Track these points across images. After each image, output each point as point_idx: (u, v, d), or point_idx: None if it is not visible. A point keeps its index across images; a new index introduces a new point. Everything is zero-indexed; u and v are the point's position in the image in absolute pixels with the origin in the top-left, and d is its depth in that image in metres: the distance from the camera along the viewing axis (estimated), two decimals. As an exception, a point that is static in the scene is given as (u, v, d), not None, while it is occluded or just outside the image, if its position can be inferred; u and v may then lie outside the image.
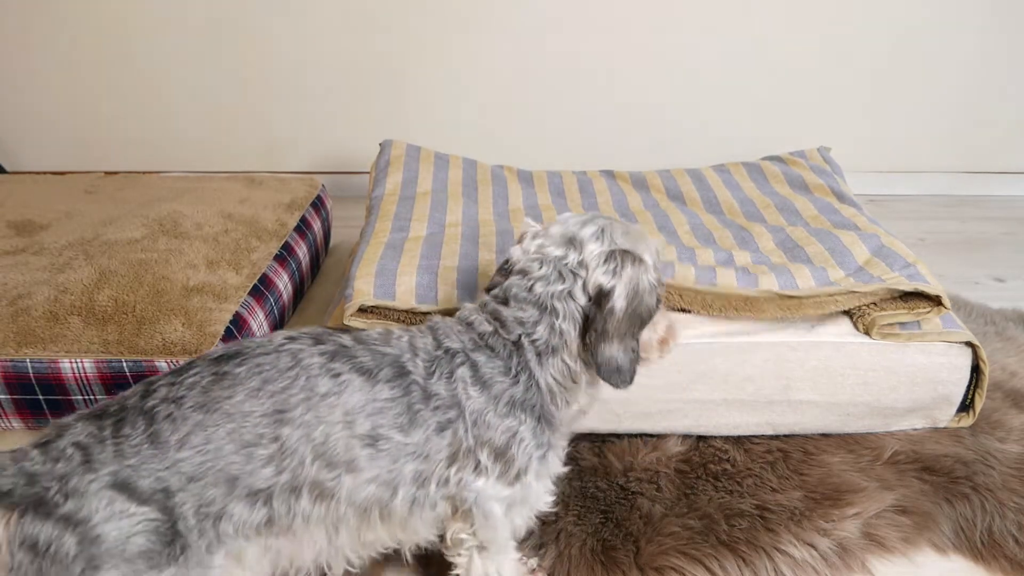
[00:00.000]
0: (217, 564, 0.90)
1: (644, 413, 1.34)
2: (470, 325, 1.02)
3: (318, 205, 1.90)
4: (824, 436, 1.37)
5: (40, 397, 1.33)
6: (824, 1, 2.15)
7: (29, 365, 1.30)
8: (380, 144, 1.87)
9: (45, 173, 2.34)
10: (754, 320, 1.31)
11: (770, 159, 1.88)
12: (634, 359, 1.00)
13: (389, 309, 1.28)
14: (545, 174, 1.83)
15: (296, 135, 2.40)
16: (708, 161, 1.98)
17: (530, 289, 0.99)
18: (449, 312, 1.26)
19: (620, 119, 2.33)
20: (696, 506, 1.23)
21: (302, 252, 1.75)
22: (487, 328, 1.00)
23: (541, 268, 1.00)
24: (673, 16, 2.18)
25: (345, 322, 1.26)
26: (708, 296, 1.29)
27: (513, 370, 0.98)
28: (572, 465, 1.29)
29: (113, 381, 1.31)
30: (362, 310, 1.28)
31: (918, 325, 1.31)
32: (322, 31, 2.22)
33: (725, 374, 1.30)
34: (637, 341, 1.01)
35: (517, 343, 0.99)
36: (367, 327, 1.23)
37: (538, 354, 0.99)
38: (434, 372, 0.96)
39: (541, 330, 0.98)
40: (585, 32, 2.20)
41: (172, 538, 0.85)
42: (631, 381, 1.00)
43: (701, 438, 1.37)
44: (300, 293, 1.76)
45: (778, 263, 1.38)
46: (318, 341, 0.95)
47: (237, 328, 1.39)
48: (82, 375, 1.31)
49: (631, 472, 1.30)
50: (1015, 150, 2.39)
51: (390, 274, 1.32)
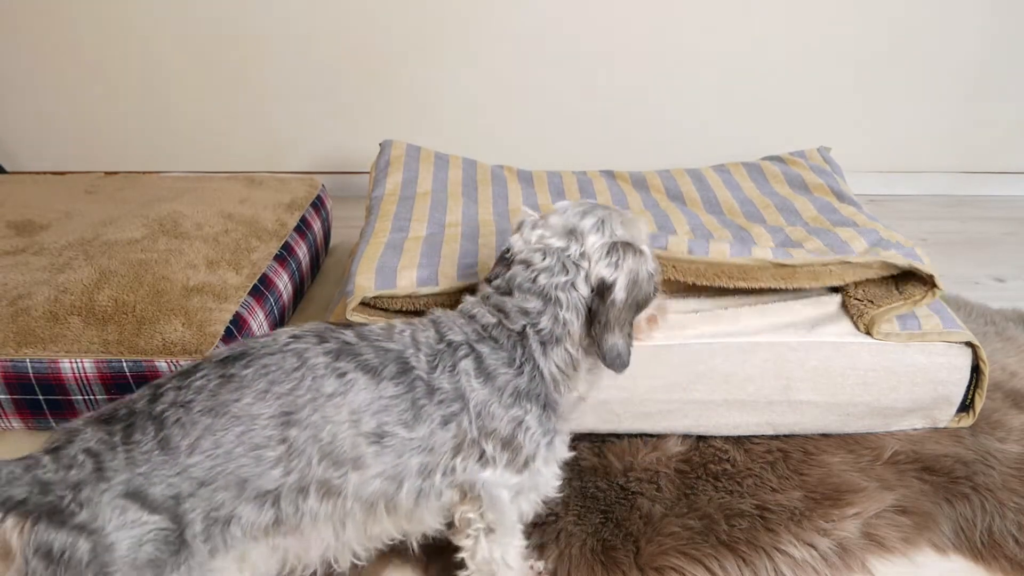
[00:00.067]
0: (220, 568, 0.90)
1: (644, 413, 1.34)
2: (472, 317, 1.03)
3: (318, 205, 1.90)
4: (824, 436, 1.37)
5: (40, 397, 1.33)
6: (824, 1, 2.15)
7: (29, 365, 1.30)
8: (380, 144, 1.87)
9: (45, 173, 2.34)
10: (747, 290, 1.30)
11: (770, 159, 1.88)
12: (630, 343, 1.03)
13: (391, 298, 1.28)
14: (545, 174, 1.83)
15: (296, 135, 2.40)
16: (708, 161, 1.98)
17: (534, 280, 1.01)
18: (450, 295, 1.28)
19: (620, 119, 2.33)
20: (696, 506, 1.23)
21: (302, 252, 1.75)
22: (490, 319, 1.01)
23: (544, 259, 1.01)
24: (673, 16, 2.18)
25: (348, 316, 1.26)
26: (701, 265, 1.29)
27: (517, 361, 0.99)
28: (572, 465, 1.29)
29: (113, 381, 1.31)
30: (364, 304, 1.28)
31: (918, 324, 1.31)
32: (322, 31, 2.22)
33: (725, 374, 1.30)
34: (632, 325, 1.04)
35: (522, 333, 1.00)
36: (369, 323, 1.23)
37: (542, 343, 1.00)
38: (437, 366, 0.97)
39: (545, 320, 1.00)
40: (585, 32, 2.20)
41: (179, 547, 0.85)
42: (628, 363, 1.03)
43: (701, 438, 1.37)
44: (300, 293, 1.76)
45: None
46: (322, 339, 0.95)
47: (237, 328, 1.39)
48: (82, 375, 1.31)
49: (631, 472, 1.30)
50: (1015, 150, 2.39)
51: (390, 271, 1.32)
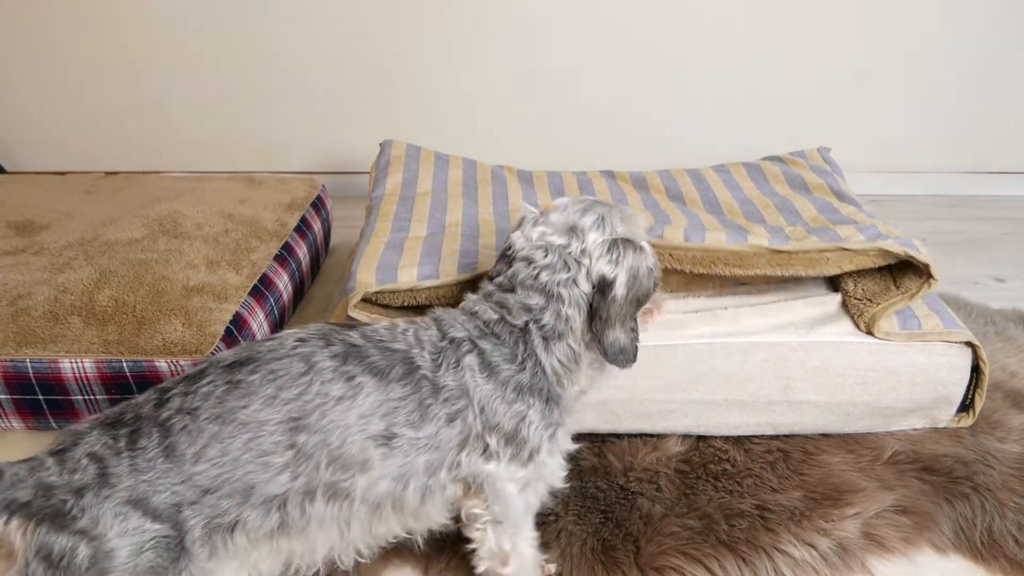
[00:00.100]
0: (219, 570, 0.90)
1: (644, 413, 1.34)
2: (474, 314, 1.04)
3: (318, 205, 1.90)
4: (824, 436, 1.37)
5: (40, 397, 1.33)
6: (824, 1, 2.15)
7: (29, 365, 1.30)
8: (380, 144, 1.87)
9: (45, 173, 2.34)
10: (745, 280, 1.30)
11: (770, 159, 1.88)
12: (634, 338, 1.04)
13: (393, 292, 1.27)
14: (545, 174, 1.83)
15: (296, 135, 2.40)
16: (708, 161, 1.98)
17: (536, 277, 1.02)
18: (452, 287, 1.28)
19: (620, 119, 2.33)
20: (696, 506, 1.23)
21: (302, 252, 1.75)
22: (492, 316, 1.02)
23: (546, 256, 1.03)
24: (673, 16, 2.18)
25: (350, 313, 1.26)
26: (697, 252, 1.29)
27: (519, 356, 1.00)
28: (572, 465, 1.29)
29: (113, 381, 1.31)
30: (365, 300, 1.28)
31: (918, 324, 1.31)
32: (322, 31, 2.22)
33: (725, 374, 1.30)
34: (636, 321, 1.05)
35: (524, 329, 1.01)
36: (370, 320, 1.23)
37: (544, 339, 1.01)
38: (441, 364, 0.97)
39: (548, 316, 1.01)
40: (585, 32, 2.20)
41: (179, 554, 0.85)
42: (634, 359, 1.05)
43: (701, 438, 1.37)
44: (300, 293, 1.76)
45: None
46: (328, 342, 0.96)
47: (237, 328, 1.39)
48: (82, 375, 1.31)
49: (631, 472, 1.30)
50: (1015, 150, 2.39)
51: (391, 270, 1.32)
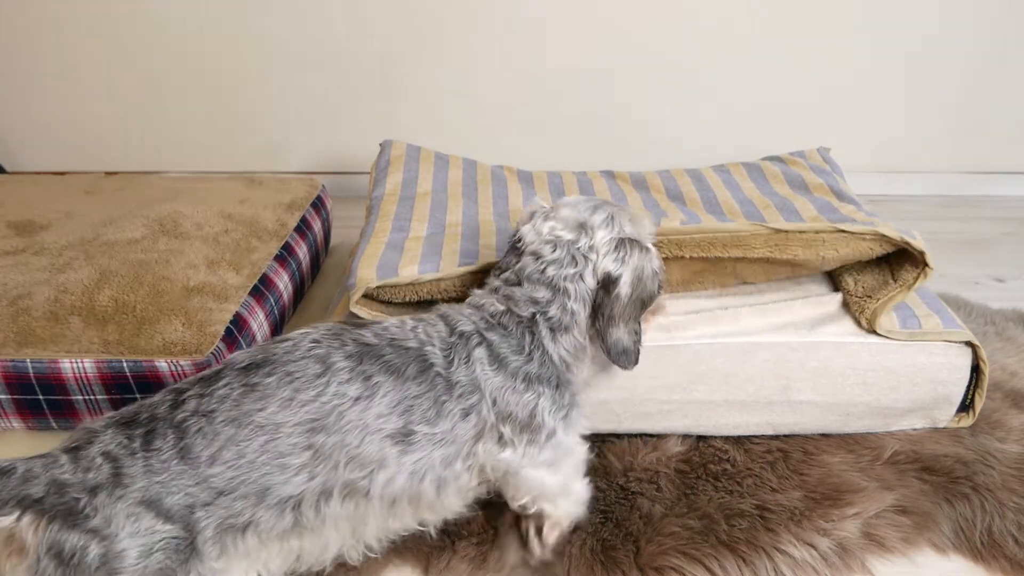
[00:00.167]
0: (228, 569, 0.90)
1: (644, 413, 1.34)
2: (480, 307, 1.05)
3: (318, 205, 1.90)
4: (824, 436, 1.37)
5: (40, 397, 1.33)
6: (824, 1, 2.15)
7: (29, 365, 1.30)
8: (380, 144, 1.87)
9: (45, 173, 2.34)
10: (742, 259, 1.31)
11: (770, 159, 1.88)
12: (637, 340, 1.06)
13: (394, 287, 1.27)
14: (545, 174, 1.83)
15: (296, 135, 2.40)
16: (708, 161, 1.98)
17: (543, 271, 1.04)
18: (454, 280, 1.27)
19: (620, 119, 2.33)
20: (696, 506, 1.23)
21: (302, 252, 1.75)
22: (499, 308, 1.04)
23: (554, 251, 1.04)
24: (673, 16, 2.18)
25: (351, 309, 1.26)
26: (696, 236, 1.29)
27: (526, 348, 1.02)
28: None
29: (113, 381, 1.31)
30: (367, 297, 1.28)
31: (918, 324, 1.31)
32: (322, 31, 2.22)
33: (725, 375, 1.30)
34: (639, 323, 1.07)
35: (531, 320, 1.03)
36: (372, 317, 1.23)
37: (551, 330, 1.03)
38: (453, 359, 0.98)
39: (554, 310, 1.03)
40: (585, 32, 2.20)
41: (189, 555, 0.85)
42: (636, 361, 1.07)
43: (701, 438, 1.37)
44: (300, 293, 1.76)
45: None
46: (343, 342, 0.96)
47: (237, 328, 1.39)
48: (82, 375, 1.31)
49: (631, 472, 1.30)
50: (1015, 150, 2.39)
51: (392, 268, 1.32)
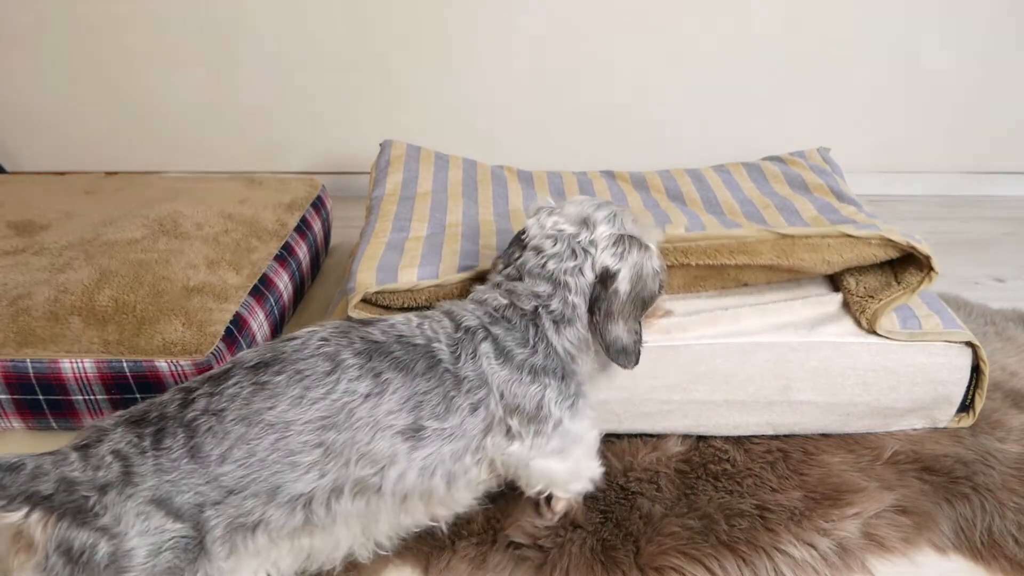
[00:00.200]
0: (236, 569, 0.90)
1: (644, 413, 1.34)
2: (483, 302, 1.06)
3: (318, 205, 1.90)
4: (824, 436, 1.37)
5: (40, 397, 1.33)
6: (824, 1, 2.15)
7: (29, 365, 1.30)
8: (380, 144, 1.87)
9: (45, 173, 2.34)
10: (749, 271, 1.31)
11: (770, 159, 1.88)
12: (637, 340, 1.06)
13: (393, 292, 1.27)
14: (545, 174, 1.83)
15: (296, 135, 2.40)
16: (708, 161, 1.98)
17: (543, 266, 1.05)
18: (453, 287, 1.27)
19: (620, 119, 2.33)
20: (696, 506, 1.23)
21: (302, 252, 1.75)
22: (502, 302, 1.04)
23: (555, 245, 1.05)
24: (673, 16, 2.18)
25: (350, 313, 1.26)
26: (703, 243, 1.29)
27: (531, 340, 1.02)
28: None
29: (113, 381, 1.31)
30: (365, 301, 1.28)
31: (918, 324, 1.31)
32: (322, 31, 2.22)
33: (726, 375, 1.30)
34: (640, 324, 1.07)
35: (534, 313, 1.03)
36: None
37: (555, 323, 1.03)
38: (460, 355, 0.99)
39: (555, 303, 1.03)
40: (585, 32, 2.20)
41: (197, 554, 0.85)
42: (636, 362, 1.07)
43: (701, 438, 1.37)
44: (300, 293, 1.76)
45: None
46: (351, 340, 0.96)
47: (237, 328, 1.39)
48: (82, 375, 1.31)
49: (631, 472, 1.30)
50: (1015, 150, 2.39)
51: (391, 270, 1.32)
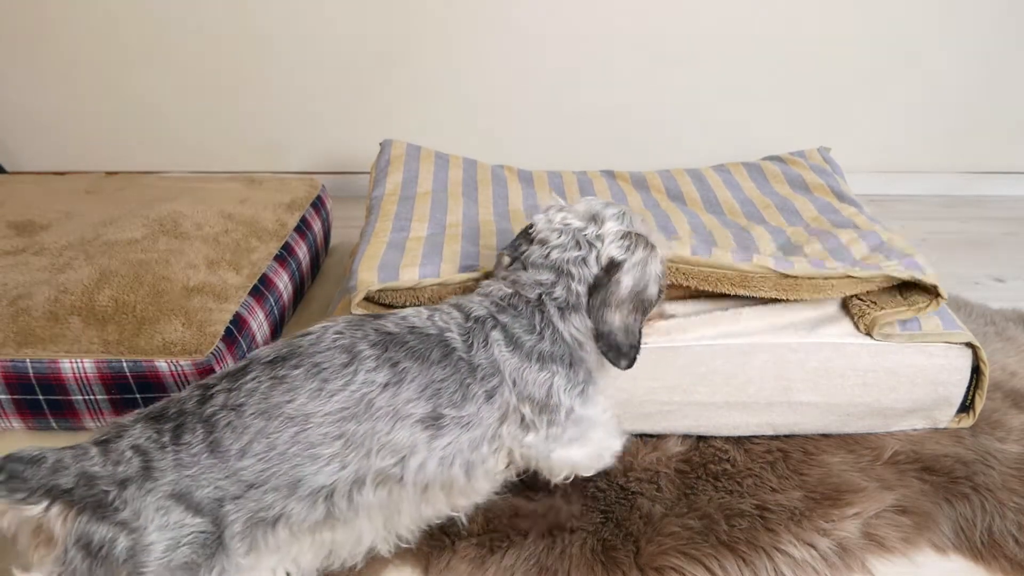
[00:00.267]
0: (255, 567, 0.90)
1: (644, 414, 1.34)
2: (488, 294, 1.07)
3: (318, 205, 1.90)
4: (824, 436, 1.37)
5: (40, 397, 1.33)
6: (824, 1, 2.15)
7: (29, 365, 1.30)
8: (380, 144, 1.87)
9: (45, 173, 2.33)
10: (748, 297, 1.31)
11: (770, 159, 1.88)
12: (634, 345, 1.06)
13: (395, 290, 1.27)
14: (545, 174, 1.83)
15: (296, 135, 2.40)
16: (708, 161, 1.98)
17: (547, 256, 1.07)
18: (455, 286, 1.28)
19: (620, 119, 2.33)
20: (696, 506, 1.23)
21: (302, 252, 1.75)
22: (506, 291, 1.06)
23: (560, 237, 1.07)
24: (673, 16, 2.18)
25: (352, 311, 1.26)
26: (705, 269, 1.29)
27: (537, 327, 1.03)
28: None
29: (113, 381, 1.31)
30: (367, 300, 1.28)
31: (918, 325, 1.31)
32: (321, 31, 2.22)
33: (726, 376, 1.30)
34: (639, 328, 1.07)
35: (539, 300, 1.04)
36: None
37: (560, 309, 1.04)
38: (472, 343, 1.00)
39: (559, 290, 1.05)
40: (585, 32, 2.20)
41: (215, 549, 0.85)
42: (630, 364, 1.06)
43: (701, 438, 1.37)
44: (300, 293, 1.76)
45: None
46: (365, 332, 0.97)
47: (237, 328, 1.39)
48: (82, 375, 1.31)
49: (631, 472, 1.30)
50: (1015, 150, 2.39)
51: (392, 269, 1.32)
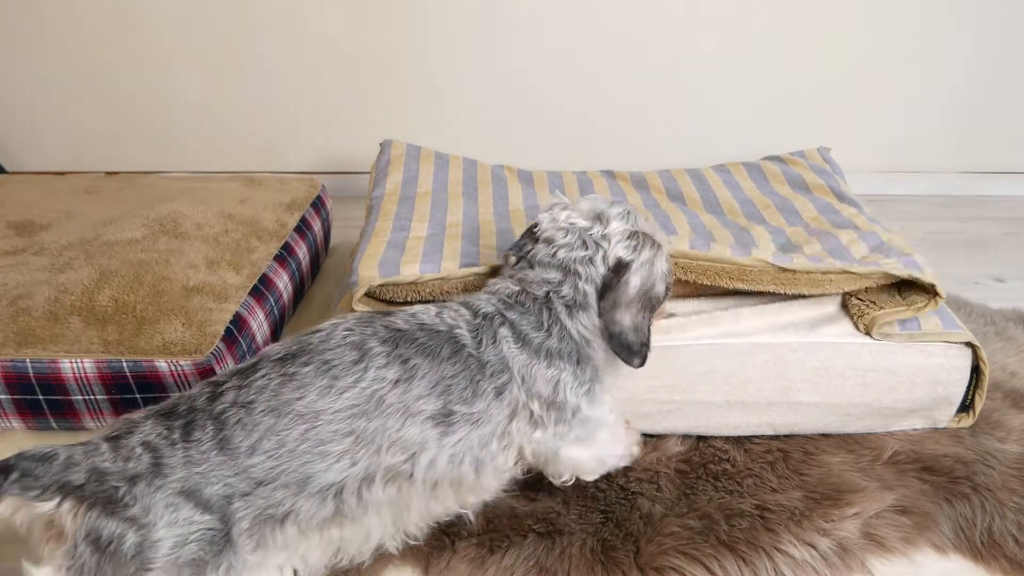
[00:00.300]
0: (262, 564, 0.90)
1: (644, 413, 1.34)
2: (495, 292, 1.08)
3: (318, 205, 1.90)
4: (824, 436, 1.37)
5: (40, 397, 1.33)
6: (824, 1, 2.15)
7: (29, 365, 1.30)
8: (380, 144, 1.87)
9: (45, 173, 2.34)
10: (748, 295, 1.31)
11: (770, 159, 1.88)
12: (645, 343, 1.07)
13: (396, 286, 1.27)
14: (545, 174, 1.83)
15: (296, 135, 2.40)
16: (708, 161, 1.98)
17: (554, 255, 1.07)
18: (456, 281, 1.28)
19: (620, 119, 2.33)
20: (696, 506, 1.23)
21: (302, 252, 1.75)
22: (514, 289, 1.06)
23: (566, 236, 1.07)
24: (673, 16, 2.18)
25: (353, 307, 1.26)
26: (704, 263, 1.29)
27: (545, 324, 1.04)
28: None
29: (113, 381, 1.31)
30: (368, 296, 1.28)
31: (918, 325, 1.31)
32: (321, 31, 2.22)
33: (726, 375, 1.30)
34: (648, 326, 1.08)
35: (547, 298, 1.05)
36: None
37: (567, 307, 1.05)
38: (481, 340, 1.00)
39: (566, 289, 1.05)
40: (585, 32, 2.20)
41: (223, 547, 0.85)
42: (642, 362, 1.08)
43: (701, 438, 1.37)
44: (300, 293, 1.76)
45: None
46: (375, 329, 0.97)
47: (237, 328, 1.39)
48: (82, 375, 1.31)
49: (631, 472, 1.30)
50: (1015, 150, 2.39)
51: (394, 265, 1.32)
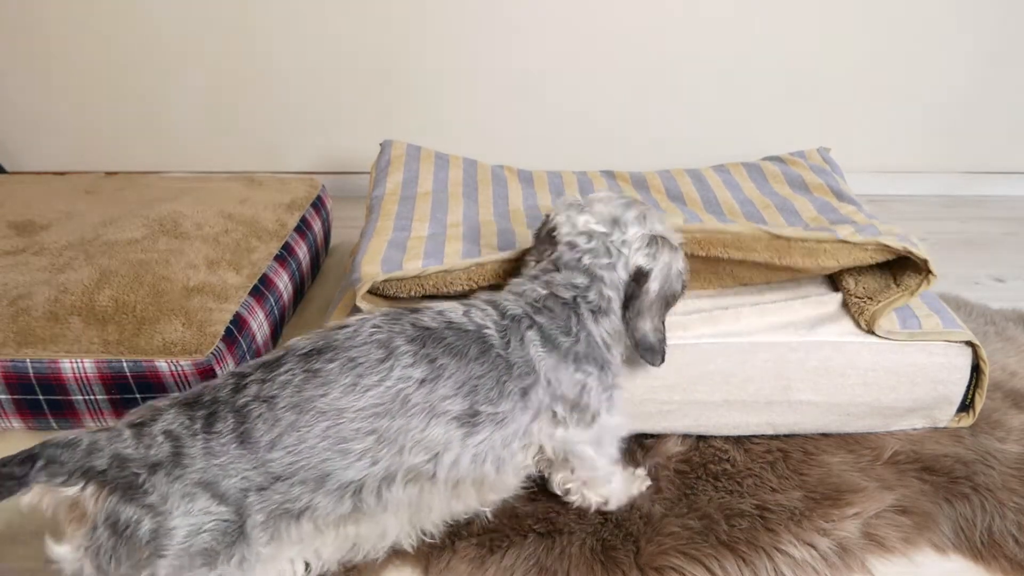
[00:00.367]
0: (276, 557, 0.90)
1: (644, 413, 1.34)
2: (522, 294, 1.09)
3: (318, 205, 1.90)
4: (824, 436, 1.37)
5: (40, 397, 1.33)
6: (824, 1, 2.15)
7: (29, 365, 1.30)
8: (380, 144, 1.87)
9: (45, 173, 2.34)
10: (744, 270, 1.31)
11: (770, 159, 1.88)
12: (662, 340, 1.12)
13: (400, 280, 1.27)
14: (545, 174, 1.83)
15: (296, 135, 2.40)
16: (708, 161, 1.98)
17: (579, 260, 1.10)
18: (460, 272, 1.28)
19: (620, 119, 2.33)
20: (696, 506, 1.23)
21: (302, 252, 1.75)
22: (541, 292, 1.08)
23: (590, 242, 1.10)
24: (673, 16, 2.18)
25: (357, 303, 1.26)
26: (698, 234, 1.30)
27: (573, 329, 1.06)
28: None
29: (113, 381, 1.31)
30: (372, 292, 1.28)
31: (918, 324, 1.31)
32: (322, 31, 2.22)
33: (726, 375, 1.30)
34: (663, 323, 1.12)
35: (574, 303, 1.07)
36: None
37: (592, 312, 1.08)
38: (509, 340, 1.01)
39: (592, 294, 1.08)
40: (585, 32, 2.20)
41: (236, 538, 0.86)
42: (663, 360, 1.13)
43: (701, 438, 1.37)
44: (300, 293, 1.76)
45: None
46: (403, 327, 0.97)
47: (237, 328, 1.39)
48: (82, 375, 1.31)
49: (631, 472, 1.30)
50: (1015, 150, 2.39)
51: (396, 263, 1.32)
